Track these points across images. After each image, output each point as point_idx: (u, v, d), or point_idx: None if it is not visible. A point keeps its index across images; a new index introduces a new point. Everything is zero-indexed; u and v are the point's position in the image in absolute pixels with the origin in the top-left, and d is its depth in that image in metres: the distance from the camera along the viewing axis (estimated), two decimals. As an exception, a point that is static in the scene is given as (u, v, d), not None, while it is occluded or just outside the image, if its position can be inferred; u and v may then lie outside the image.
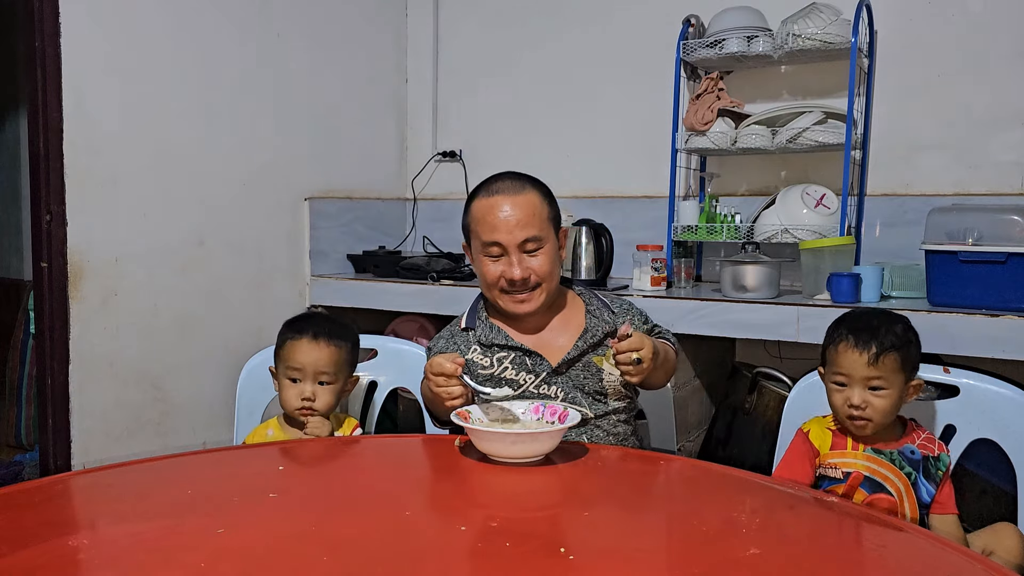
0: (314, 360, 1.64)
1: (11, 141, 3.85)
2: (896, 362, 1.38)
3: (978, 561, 1.01)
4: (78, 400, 2.32)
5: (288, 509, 1.15)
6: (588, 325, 1.64)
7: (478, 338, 1.66)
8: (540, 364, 1.61)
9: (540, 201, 1.61)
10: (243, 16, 2.74)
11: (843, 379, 1.41)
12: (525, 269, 1.58)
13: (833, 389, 1.43)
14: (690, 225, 2.61)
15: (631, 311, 1.73)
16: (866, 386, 1.38)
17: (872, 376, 1.38)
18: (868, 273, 2.19)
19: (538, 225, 1.59)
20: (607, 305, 1.70)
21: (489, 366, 1.63)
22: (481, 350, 1.65)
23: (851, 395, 1.39)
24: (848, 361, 1.39)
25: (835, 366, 1.42)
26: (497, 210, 1.58)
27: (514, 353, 1.63)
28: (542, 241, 1.59)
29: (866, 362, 1.37)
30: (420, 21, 3.43)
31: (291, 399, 1.65)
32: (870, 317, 1.44)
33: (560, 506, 1.23)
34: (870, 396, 1.38)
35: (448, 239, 3.35)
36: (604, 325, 1.64)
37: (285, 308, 2.90)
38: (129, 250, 2.43)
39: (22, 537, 1.02)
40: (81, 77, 2.28)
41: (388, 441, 1.67)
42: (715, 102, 2.58)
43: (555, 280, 1.63)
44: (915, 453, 1.41)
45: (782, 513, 1.20)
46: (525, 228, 1.57)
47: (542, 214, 1.60)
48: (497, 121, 3.30)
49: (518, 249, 1.58)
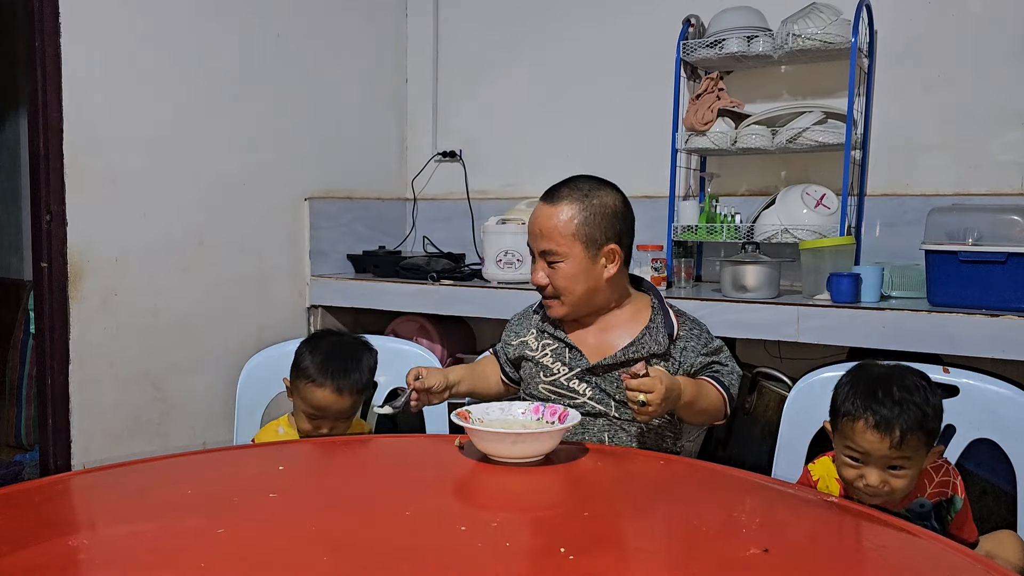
0: (337, 409, 1.65)
1: (11, 141, 3.85)
2: (920, 441, 1.23)
3: (978, 562, 1.01)
4: (78, 400, 2.32)
5: (288, 509, 1.15)
6: (637, 339, 1.65)
7: (538, 323, 1.75)
8: (578, 360, 1.66)
9: (570, 216, 1.62)
10: (243, 16, 2.74)
11: (858, 456, 1.26)
12: (542, 277, 1.65)
13: (845, 463, 1.28)
14: (690, 225, 2.61)
15: (700, 338, 1.68)
16: (885, 466, 1.24)
17: (893, 457, 1.23)
18: (868, 273, 2.19)
19: (556, 240, 1.61)
20: (672, 326, 1.67)
21: (536, 350, 1.72)
22: (536, 334, 1.74)
23: (868, 475, 1.25)
24: (865, 442, 1.24)
25: (848, 440, 1.26)
26: (534, 214, 1.67)
27: (558, 344, 1.69)
28: (559, 256, 1.62)
29: (887, 447, 1.22)
30: (420, 21, 3.43)
31: (309, 431, 1.67)
32: (889, 385, 1.26)
33: (560, 506, 1.23)
34: (889, 477, 1.24)
35: (448, 239, 3.35)
36: (655, 346, 1.64)
37: (285, 308, 2.90)
38: (129, 250, 2.43)
39: (22, 537, 1.02)
40: (81, 77, 2.28)
41: (388, 441, 1.67)
42: (715, 102, 2.58)
43: (577, 294, 1.64)
44: (925, 506, 1.30)
45: (782, 513, 1.20)
46: (543, 240, 1.63)
47: (566, 229, 1.61)
48: (497, 121, 3.30)
49: (540, 257, 1.66)
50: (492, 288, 2.66)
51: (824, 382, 1.63)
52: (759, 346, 2.64)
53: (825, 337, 2.13)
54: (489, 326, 3.05)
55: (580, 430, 1.61)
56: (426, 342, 2.87)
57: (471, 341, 3.15)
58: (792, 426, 1.66)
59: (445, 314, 2.79)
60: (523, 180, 3.24)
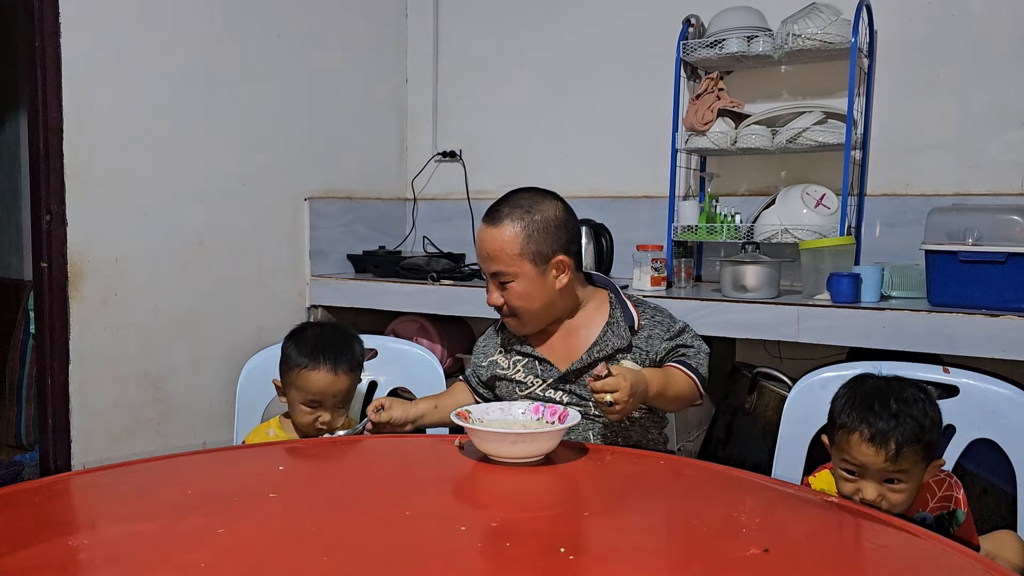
0: (335, 391, 1.65)
1: (11, 141, 3.85)
2: (918, 454, 1.22)
3: (978, 561, 1.01)
4: (78, 400, 2.32)
5: (288, 509, 1.15)
6: (600, 338, 1.65)
7: (504, 341, 1.76)
8: (549, 370, 1.67)
9: (514, 236, 1.60)
10: (243, 16, 2.74)
11: (854, 469, 1.26)
12: (496, 298, 1.65)
13: (842, 476, 1.28)
14: (690, 225, 2.61)
15: (661, 324, 1.68)
16: (882, 479, 1.24)
17: (889, 470, 1.23)
18: (868, 273, 2.19)
19: (504, 261, 1.61)
20: (632, 318, 1.67)
21: (507, 368, 1.72)
22: (504, 352, 1.75)
23: (864, 489, 1.24)
24: (861, 455, 1.23)
25: (845, 453, 1.26)
26: (479, 236, 1.66)
27: (527, 359, 1.71)
28: (510, 276, 1.62)
29: (883, 459, 1.22)
30: (420, 21, 3.43)
31: (308, 423, 1.66)
32: (886, 398, 1.26)
33: (560, 506, 1.23)
34: (886, 491, 1.24)
35: (448, 239, 3.35)
36: (619, 341, 1.64)
37: (285, 308, 2.90)
38: (129, 250, 2.43)
39: (22, 537, 1.02)
40: (81, 77, 2.28)
41: (388, 441, 1.67)
42: (715, 102, 2.58)
43: (533, 310, 1.64)
44: (927, 519, 1.29)
45: (782, 513, 1.20)
46: (492, 262, 1.64)
47: (512, 250, 1.60)
48: (497, 121, 3.30)
49: (492, 278, 1.65)
50: (492, 288, 2.66)
51: (824, 382, 1.63)
52: (759, 346, 2.64)
53: (825, 337, 2.13)
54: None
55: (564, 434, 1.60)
56: (426, 342, 2.87)
57: (471, 341, 3.15)
58: (792, 426, 1.66)
59: (445, 314, 2.79)
60: (523, 180, 3.18)
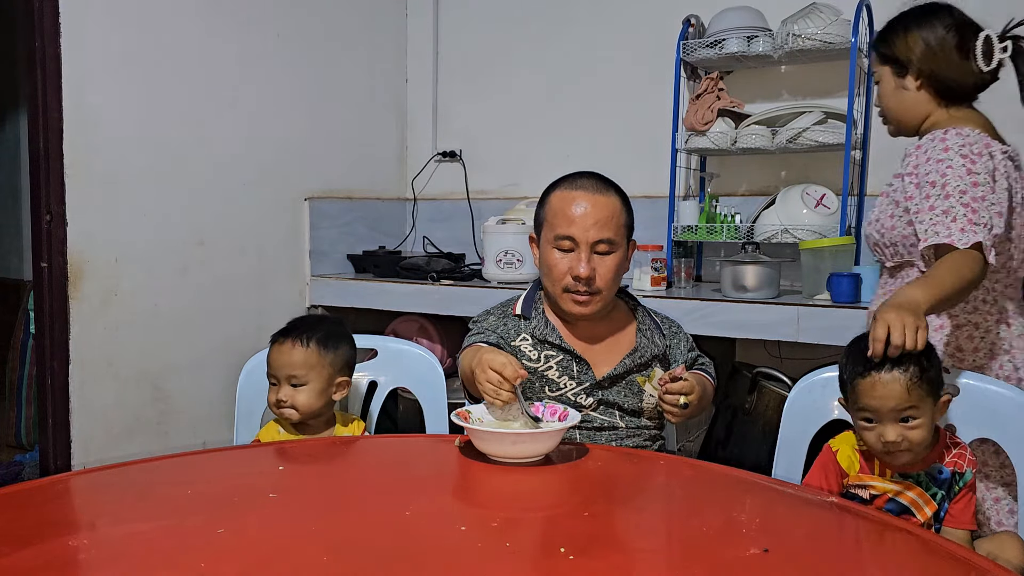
0: (284, 363, 1.62)
1: (11, 141, 3.85)
2: (923, 390, 1.30)
3: (978, 562, 1.01)
4: (78, 400, 2.32)
5: (288, 509, 1.15)
6: (638, 344, 1.63)
7: (531, 330, 1.63)
8: (585, 373, 1.60)
9: (620, 207, 1.60)
10: (243, 16, 2.74)
11: (871, 415, 1.32)
12: (591, 269, 1.56)
13: (862, 426, 1.34)
14: (690, 225, 2.61)
15: (679, 335, 1.70)
16: (898, 419, 1.30)
17: (903, 408, 1.29)
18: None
19: (614, 229, 1.58)
20: (658, 327, 1.68)
21: (536, 360, 1.61)
22: (532, 342, 1.63)
23: (884, 432, 1.30)
24: (874, 396, 1.31)
25: (860, 402, 1.33)
26: (577, 205, 1.57)
27: (563, 355, 1.61)
28: (615, 246, 1.58)
29: (895, 395, 1.29)
30: (420, 21, 3.43)
31: (272, 403, 1.65)
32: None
33: (560, 506, 1.23)
34: (904, 430, 1.30)
35: (448, 239, 3.35)
36: (654, 348, 1.64)
37: (285, 308, 2.90)
38: (129, 250, 2.43)
39: (22, 537, 1.02)
40: (81, 77, 2.29)
41: (388, 441, 1.67)
42: (715, 102, 2.58)
43: (614, 290, 1.62)
44: (943, 472, 1.34)
45: (782, 513, 1.20)
46: (602, 229, 1.56)
47: (620, 220, 1.59)
48: (497, 121, 3.30)
49: (589, 248, 1.56)
50: (492, 288, 2.66)
51: (824, 382, 1.62)
52: (759, 346, 2.64)
53: (825, 337, 2.13)
54: (489, 326, 3.04)
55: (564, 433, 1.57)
56: (426, 342, 2.87)
57: (471, 341, 3.15)
58: (792, 426, 1.66)
59: (445, 314, 2.79)
60: (523, 180, 3.24)
